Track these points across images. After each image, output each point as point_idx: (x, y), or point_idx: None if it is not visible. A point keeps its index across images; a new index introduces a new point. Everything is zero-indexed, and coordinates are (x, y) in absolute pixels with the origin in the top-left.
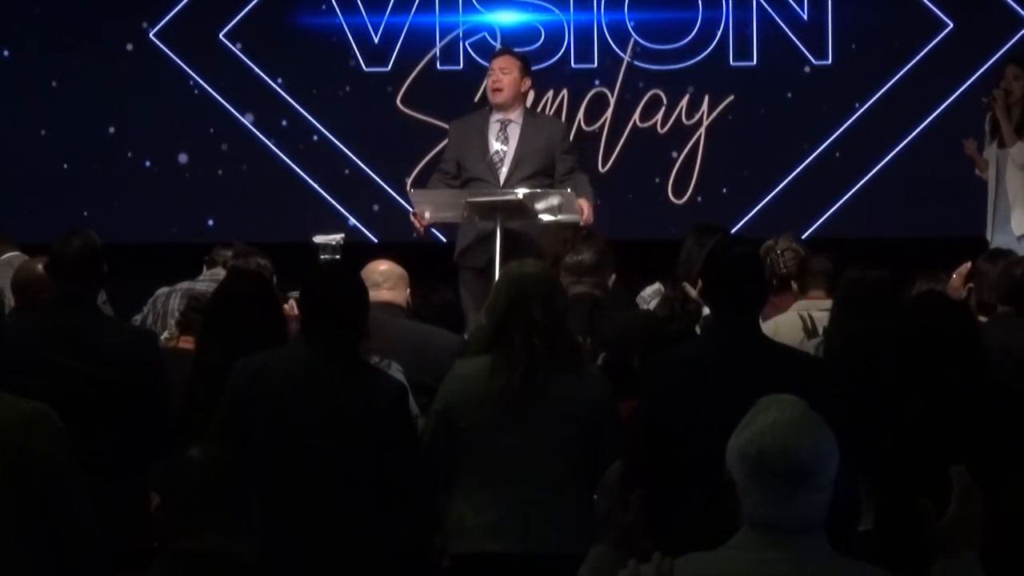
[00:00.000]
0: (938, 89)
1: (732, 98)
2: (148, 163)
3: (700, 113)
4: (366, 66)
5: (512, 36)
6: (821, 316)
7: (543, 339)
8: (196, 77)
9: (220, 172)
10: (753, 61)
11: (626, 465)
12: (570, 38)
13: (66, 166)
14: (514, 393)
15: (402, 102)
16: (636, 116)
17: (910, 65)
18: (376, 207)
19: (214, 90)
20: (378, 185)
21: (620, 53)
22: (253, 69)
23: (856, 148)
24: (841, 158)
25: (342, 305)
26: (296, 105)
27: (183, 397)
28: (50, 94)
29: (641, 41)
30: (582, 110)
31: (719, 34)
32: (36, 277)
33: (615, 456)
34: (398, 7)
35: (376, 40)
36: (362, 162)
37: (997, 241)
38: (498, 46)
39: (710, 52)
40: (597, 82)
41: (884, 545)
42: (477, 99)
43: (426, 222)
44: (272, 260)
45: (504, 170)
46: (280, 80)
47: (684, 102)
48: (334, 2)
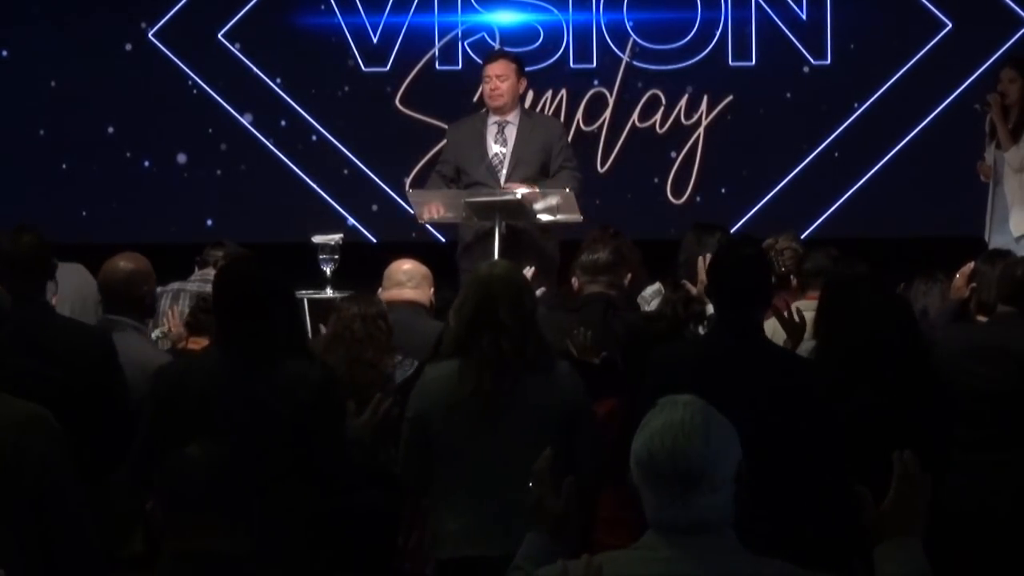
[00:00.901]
0: (937, 89)
1: (731, 98)
2: (147, 163)
3: (699, 113)
4: (365, 66)
5: (511, 36)
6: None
7: (511, 341)
8: (195, 77)
9: (219, 172)
10: (752, 61)
11: (596, 461)
12: (569, 38)
13: (65, 166)
14: (484, 396)
15: (401, 102)
16: (635, 116)
17: (909, 65)
18: (375, 207)
19: (213, 90)
20: (377, 185)
21: (619, 53)
22: (252, 69)
23: (855, 148)
24: (840, 158)
25: (251, 300)
26: (295, 105)
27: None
28: (49, 94)
29: (640, 41)
30: (581, 110)
31: (718, 34)
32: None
33: (590, 453)
34: (397, 7)
35: (375, 40)
36: (361, 162)
37: (995, 241)
38: (497, 46)
39: (709, 52)
40: (596, 82)
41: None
42: (476, 99)
43: (426, 219)
44: (271, 260)
45: (504, 172)
46: (279, 80)
47: (683, 102)
48: (333, 2)
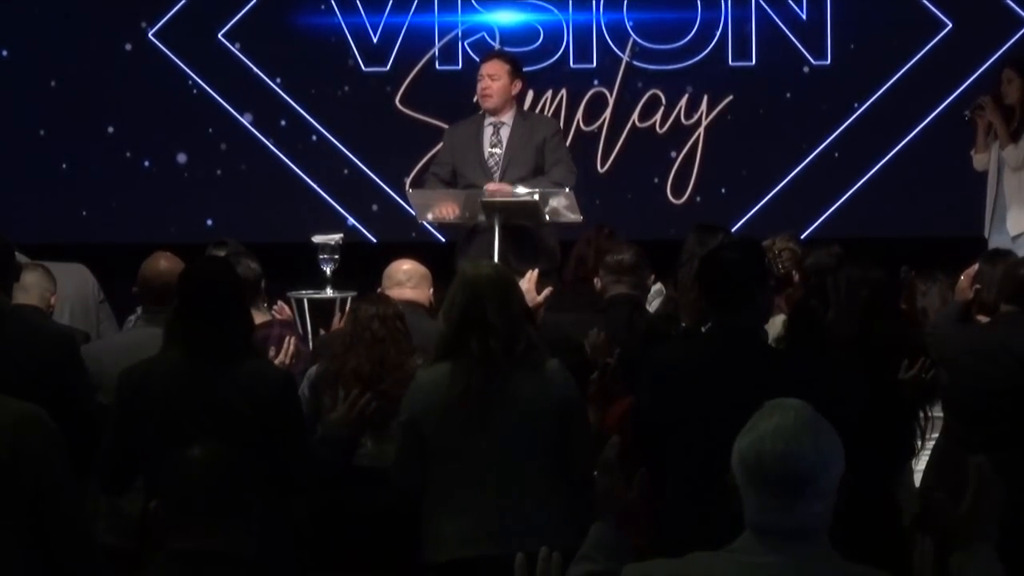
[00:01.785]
0: (937, 89)
1: (731, 98)
2: (147, 163)
3: (699, 113)
4: (365, 66)
5: (511, 36)
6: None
7: (500, 340)
8: (195, 77)
9: (219, 172)
10: (752, 61)
11: (589, 457)
12: (569, 38)
13: (65, 166)
14: (475, 397)
15: (401, 102)
16: (635, 116)
17: (909, 65)
18: (375, 207)
19: (213, 90)
20: (377, 185)
21: (619, 53)
22: (252, 69)
23: (855, 148)
24: (840, 158)
25: (213, 301)
26: (295, 105)
27: None
28: (49, 94)
29: (640, 41)
30: (581, 110)
31: (718, 34)
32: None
33: (584, 450)
34: (397, 7)
35: (375, 40)
36: (361, 162)
37: (994, 241)
38: (497, 46)
39: (709, 52)
40: (596, 82)
41: None
42: (476, 99)
43: (430, 219)
44: (271, 260)
45: (498, 173)
46: (279, 80)
47: (683, 102)
48: (333, 2)
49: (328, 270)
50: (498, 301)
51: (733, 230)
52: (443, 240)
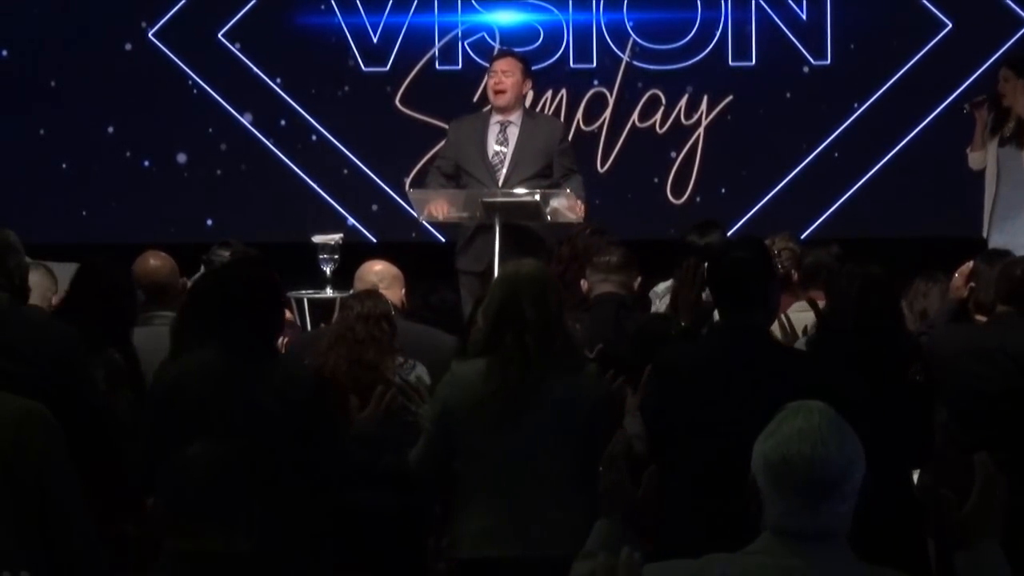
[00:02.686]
0: (937, 89)
1: (731, 98)
2: (147, 163)
3: (699, 113)
4: (365, 66)
5: (511, 36)
6: (800, 317)
7: (537, 338)
8: (195, 77)
9: (219, 172)
10: (752, 61)
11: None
12: (569, 38)
13: (65, 166)
14: (509, 394)
15: (401, 102)
16: (635, 116)
17: (909, 65)
18: (375, 207)
19: (213, 90)
20: (377, 185)
21: (619, 53)
22: (252, 69)
23: (855, 148)
24: (840, 158)
25: (253, 302)
26: (295, 105)
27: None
28: (49, 94)
29: (640, 41)
30: (581, 110)
31: (718, 34)
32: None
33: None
34: (397, 7)
35: (375, 40)
36: (361, 162)
37: (994, 241)
38: (497, 46)
39: (709, 52)
40: (596, 82)
41: None
42: (476, 99)
43: (430, 218)
44: (271, 260)
45: (503, 172)
46: (279, 80)
47: (683, 102)
48: (333, 2)
49: (328, 270)
50: (535, 299)
51: (733, 230)
52: (443, 240)
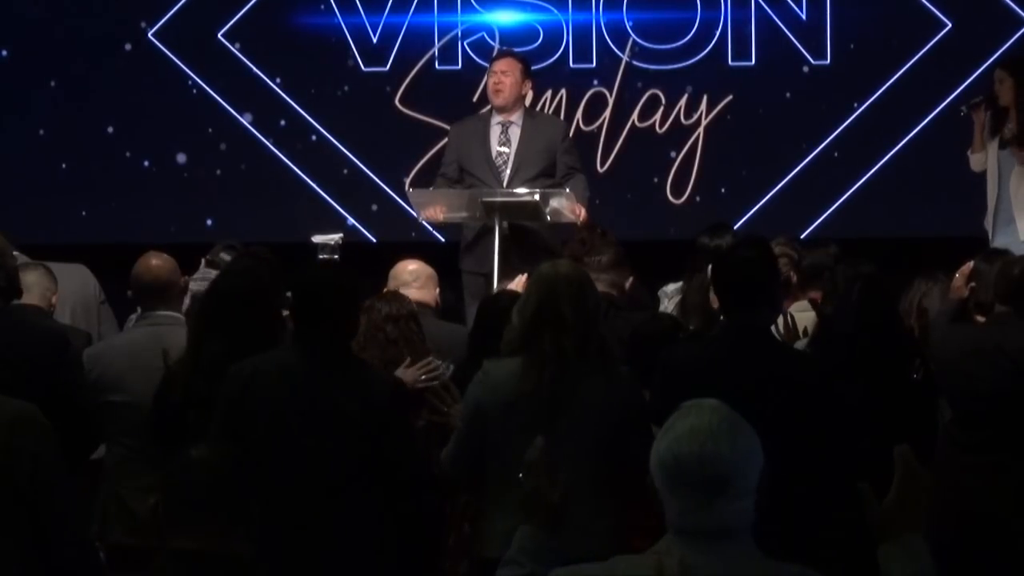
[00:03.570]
0: (937, 89)
1: (731, 98)
2: (147, 163)
3: (699, 113)
4: (364, 66)
5: (510, 36)
6: (801, 317)
7: (573, 339)
8: (195, 77)
9: (219, 172)
10: (752, 61)
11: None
12: (569, 38)
13: (64, 166)
14: (544, 395)
15: (401, 102)
16: (635, 116)
17: (909, 65)
18: (375, 207)
19: (213, 90)
20: (377, 185)
21: (619, 53)
22: (251, 69)
23: (855, 148)
24: (840, 158)
25: (332, 306)
26: (295, 105)
27: (181, 392)
28: (49, 94)
29: (639, 41)
30: (580, 110)
31: (717, 34)
32: None
33: (644, 459)
34: (396, 7)
35: (375, 40)
36: (361, 162)
37: (998, 241)
38: (496, 46)
39: (709, 52)
40: (596, 82)
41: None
42: (476, 99)
43: (431, 219)
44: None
45: (507, 172)
46: (279, 80)
47: (683, 102)
48: (332, 2)
49: None
50: (574, 299)
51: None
52: (443, 240)
